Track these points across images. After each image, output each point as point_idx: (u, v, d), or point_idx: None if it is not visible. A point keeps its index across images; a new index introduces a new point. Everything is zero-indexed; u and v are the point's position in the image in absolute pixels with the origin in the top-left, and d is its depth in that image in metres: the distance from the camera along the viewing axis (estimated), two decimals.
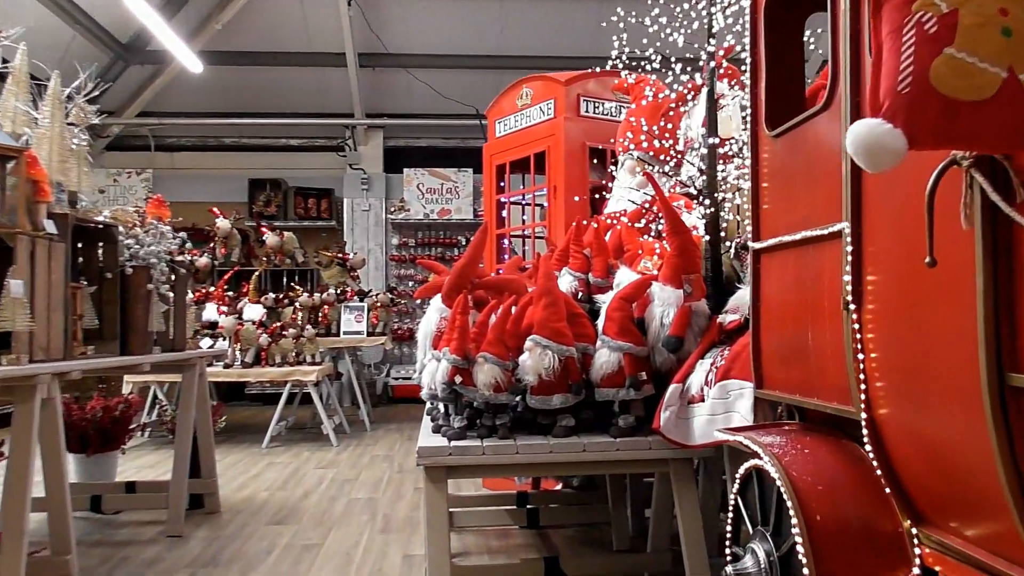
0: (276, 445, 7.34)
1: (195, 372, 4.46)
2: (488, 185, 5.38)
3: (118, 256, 3.68)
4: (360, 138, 11.32)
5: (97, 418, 4.73)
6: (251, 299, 7.99)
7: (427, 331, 3.36)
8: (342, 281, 8.78)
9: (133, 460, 6.52)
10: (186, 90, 10.65)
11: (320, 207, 11.33)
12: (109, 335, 3.64)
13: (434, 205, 11.26)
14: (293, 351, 7.51)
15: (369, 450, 7.06)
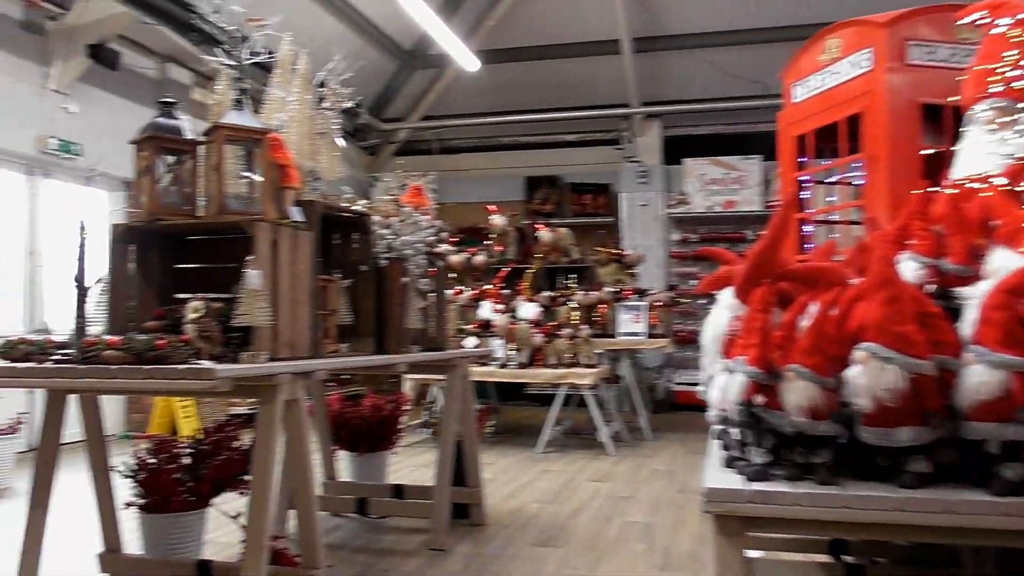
0: (550, 451, 6.98)
1: (457, 374, 4.13)
2: (784, 161, 4.54)
3: (372, 247, 3.40)
4: (637, 129, 10.77)
5: (367, 417, 4.59)
6: (526, 297, 7.73)
7: (715, 334, 2.69)
8: (619, 279, 8.27)
9: (411, 457, 6.47)
10: (464, 92, 10.76)
11: (597, 203, 10.95)
12: (364, 332, 3.38)
13: (718, 197, 10.41)
14: (568, 352, 7.12)
15: (648, 463, 6.45)
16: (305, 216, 2.96)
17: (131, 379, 2.31)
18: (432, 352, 3.91)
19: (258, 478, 2.59)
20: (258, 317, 2.53)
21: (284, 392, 2.64)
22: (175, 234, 2.97)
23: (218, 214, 2.72)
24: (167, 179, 2.84)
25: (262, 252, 2.63)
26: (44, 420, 2.83)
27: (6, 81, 6.39)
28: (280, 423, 2.66)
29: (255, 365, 2.51)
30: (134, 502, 3.11)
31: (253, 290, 2.53)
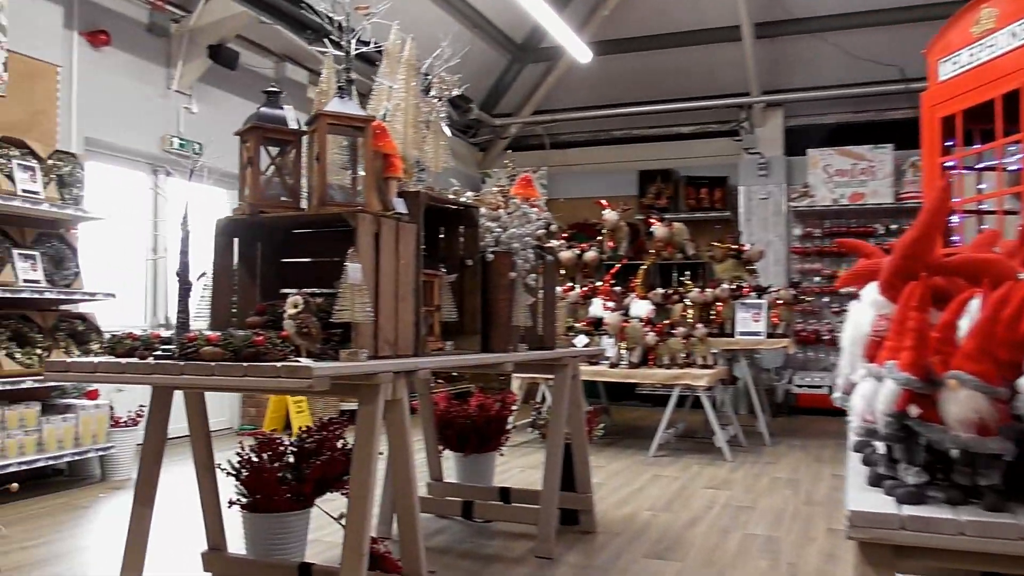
0: (663, 454, 6.71)
1: (566, 373, 3.95)
2: (929, 145, 4.15)
3: (479, 241, 3.26)
4: (757, 119, 10.29)
5: (473, 417, 4.46)
6: (638, 294, 7.47)
7: (856, 334, 2.41)
8: (737, 276, 7.89)
9: (518, 458, 6.33)
10: (576, 85, 10.55)
11: (713, 197, 10.53)
12: (469, 329, 3.24)
13: (844, 189, 9.83)
14: (682, 352, 6.82)
15: (768, 470, 6.09)
16: (409, 208, 2.84)
17: (228, 376, 2.23)
18: (541, 351, 3.74)
19: (357, 481, 2.48)
20: (358, 313, 2.42)
21: (385, 392, 2.53)
22: (279, 227, 2.91)
23: (320, 206, 2.62)
24: (271, 171, 2.77)
25: (364, 245, 2.52)
26: (148, 415, 2.81)
27: (133, 84, 6.61)
28: (381, 424, 2.54)
29: (354, 363, 2.39)
30: (237, 500, 3.07)
31: (353, 285, 2.42)
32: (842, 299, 9.84)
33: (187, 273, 2.54)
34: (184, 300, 2.54)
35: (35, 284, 4.90)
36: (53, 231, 5.32)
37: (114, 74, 6.43)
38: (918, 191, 9.47)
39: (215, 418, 7.33)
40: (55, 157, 5.23)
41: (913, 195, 9.50)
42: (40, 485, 5.12)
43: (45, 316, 5.13)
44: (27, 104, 5.33)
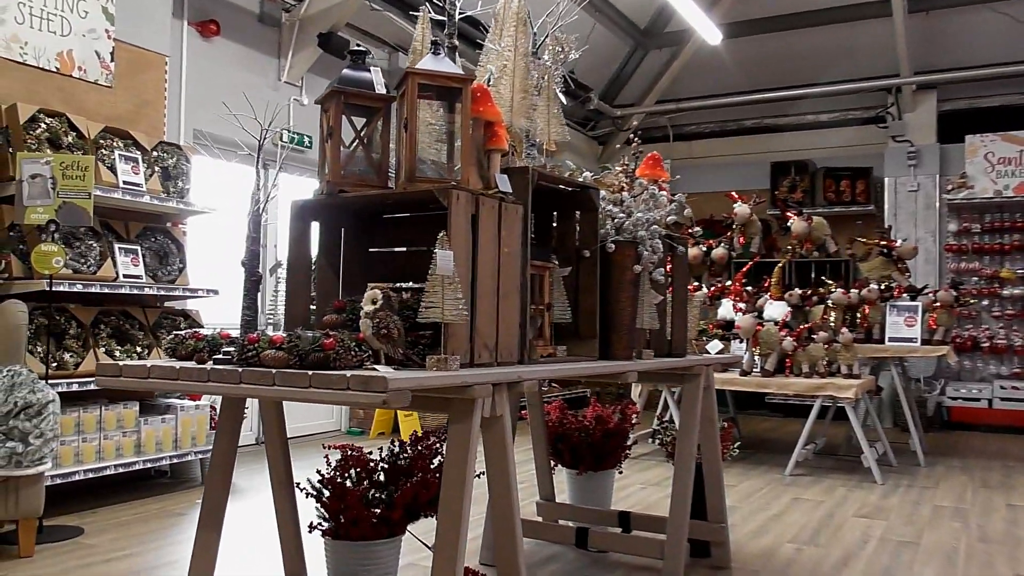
0: (801, 473, 6.01)
1: (699, 384, 3.40)
2: None
3: (598, 228, 2.77)
4: (906, 104, 9.34)
5: (589, 430, 3.97)
6: (773, 295, 6.78)
7: None
8: (886, 275, 7.08)
9: (638, 473, 5.79)
10: (703, 72, 9.87)
11: (855, 190, 9.63)
12: (586, 332, 2.75)
13: (1009, 179, 8.76)
14: (824, 359, 6.11)
15: (928, 496, 5.32)
16: (515, 186, 2.38)
17: (291, 386, 1.83)
18: (669, 358, 3.21)
19: (446, 513, 2.04)
20: (449, 311, 1.98)
21: (482, 407, 2.07)
22: (364, 210, 2.50)
23: (407, 182, 2.20)
24: (355, 144, 2.37)
25: (458, 228, 2.08)
26: (217, 427, 2.46)
27: (244, 75, 6.46)
28: (477, 445, 2.10)
29: (443, 373, 1.95)
30: (318, 525, 2.69)
31: (444, 277, 1.98)
32: (1004, 302, 8.78)
33: (256, 263, 2.17)
34: (251, 295, 2.16)
35: (136, 280, 4.73)
36: (158, 225, 5.17)
37: (224, 65, 6.29)
38: None
39: (321, 420, 7.15)
40: (159, 149, 5.07)
41: None
42: (140, 488, 4.97)
43: (148, 313, 4.97)
44: (134, 95, 5.20)
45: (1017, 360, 8.82)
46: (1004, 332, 8.85)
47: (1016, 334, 8.79)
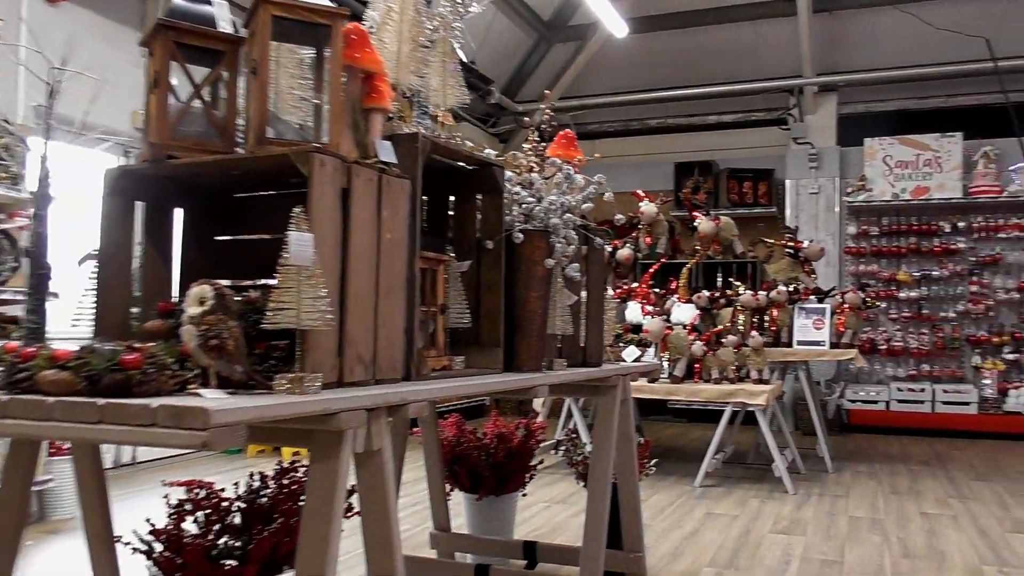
0: (712, 484, 5.72)
1: (615, 396, 2.99)
2: None
3: (503, 215, 2.30)
4: (808, 106, 9.30)
5: (490, 450, 3.51)
6: (681, 297, 6.49)
7: None
8: (793, 277, 6.90)
9: (543, 488, 5.37)
10: (608, 69, 9.59)
11: (757, 191, 9.53)
12: (488, 338, 2.28)
13: (906, 183, 8.80)
14: (734, 364, 5.84)
15: (841, 506, 5.09)
16: (402, 157, 1.90)
17: (74, 422, 1.29)
18: (584, 368, 2.78)
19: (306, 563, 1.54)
20: (308, 314, 1.47)
21: (353, 440, 1.58)
22: (207, 184, 1.96)
23: (256, 144, 1.68)
24: (192, 98, 1.83)
25: (322, 204, 1.57)
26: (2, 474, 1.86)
27: (102, 49, 5.70)
28: (345, 485, 1.60)
29: (298, 398, 1.44)
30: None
31: (300, 268, 1.47)
32: (901, 304, 8.81)
33: (43, 251, 1.61)
34: (38, 294, 1.60)
35: None
36: None
37: (74, 35, 5.52)
38: (991, 184, 8.46)
39: None
40: None
41: (986, 189, 8.47)
42: None
43: None
44: None
45: (913, 362, 8.86)
46: (901, 334, 8.88)
47: (912, 336, 8.83)
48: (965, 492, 5.56)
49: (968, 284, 8.67)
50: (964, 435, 8.22)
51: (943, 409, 8.38)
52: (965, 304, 8.64)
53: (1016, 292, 8.50)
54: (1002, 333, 8.52)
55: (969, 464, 6.74)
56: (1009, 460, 6.95)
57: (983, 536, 4.39)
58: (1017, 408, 8.20)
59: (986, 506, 5.14)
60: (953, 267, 8.70)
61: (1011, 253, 8.56)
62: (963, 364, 8.72)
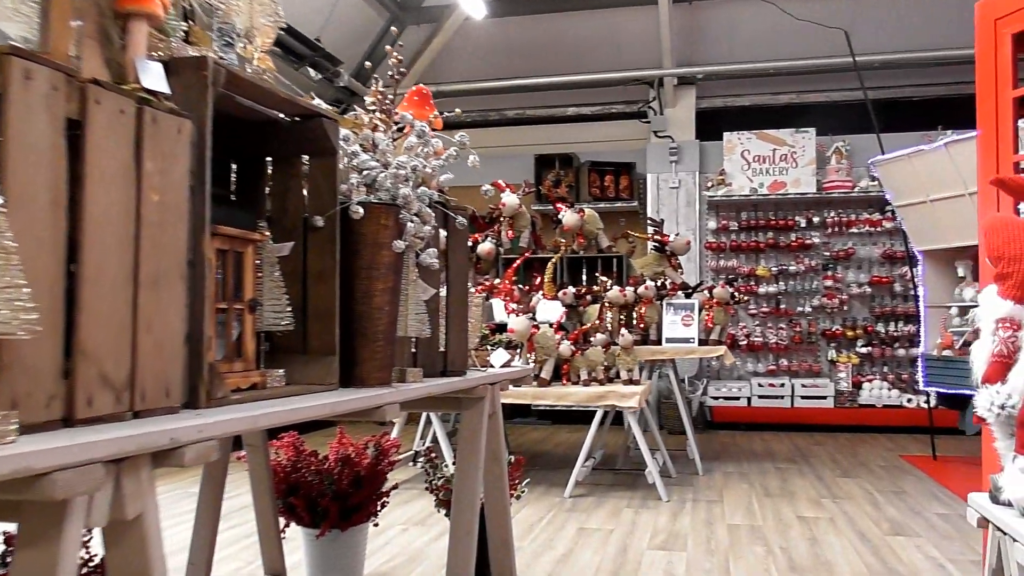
0: (582, 493, 5.34)
1: (482, 410, 2.49)
2: (993, 75, 2.94)
3: (337, 183, 1.76)
4: (668, 99, 9.16)
5: (333, 476, 2.93)
6: (546, 294, 6.10)
7: None
8: (659, 271, 6.65)
9: (398, 507, 4.82)
10: (464, 55, 9.13)
11: (618, 185, 9.31)
12: (319, 345, 1.73)
13: (763, 177, 8.81)
14: (603, 364, 5.50)
15: (717, 513, 4.82)
16: (183, 89, 1.32)
17: None
18: (444, 377, 2.27)
19: None
20: (7, 312, 0.89)
21: (87, 511, 1.00)
22: None
23: None
24: None
25: (22, 137, 0.99)
26: None
27: None
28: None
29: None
30: None
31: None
32: (760, 300, 8.81)
33: None
34: None
35: None
36: None
37: None
38: (843, 179, 8.58)
39: None
40: None
41: (838, 184, 8.58)
42: None
43: None
44: None
45: (772, 357, 8.88)
46: (760, 330, 8.89)
47: (771, 331, 8.85)
48: (836, 491, 5.43)
49: (823, 279, 8.77)
50: (822, 428, 8.28)
51: (801, 404, 8.42)
52: (820, 299, 8.73)
53: (868, 286, 8.66)
54: (855, 327, 8.66)
55: (832, 459, 6.70)
56: (867, 453, 6.98)
57: (864, 540, 4.19)
58: (871, 401, 8.34)
59: (859, 505, 5.01)
60: (809, 262, 8.78)
61: (863, 248, 8.72)
62: (819, 358, 8.82)
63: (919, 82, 8.66)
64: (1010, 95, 2.86)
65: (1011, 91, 2.86)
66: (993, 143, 2.94)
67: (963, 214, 6.14)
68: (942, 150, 5.99)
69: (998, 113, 2.93)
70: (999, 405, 1.72)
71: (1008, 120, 2.88)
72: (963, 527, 4.47)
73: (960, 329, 6.50)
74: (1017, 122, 2.88)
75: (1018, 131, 2.89)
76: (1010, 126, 2.88)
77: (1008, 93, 2.87)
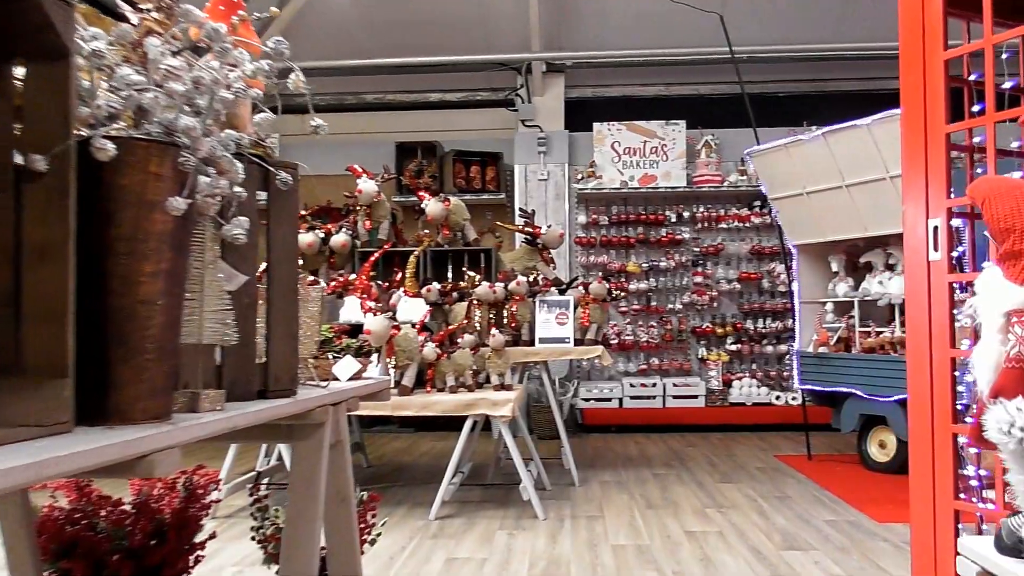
0: (450, 514, 4.77)
1: (320, 440, 1.87)
2: (919, 37, 2.56)
3: (71, 102, 1.09)
4: (536, 87, 8.73)
5: (124, 527, 2.22)
6: (408, 291, 5.49)
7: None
8: (531, 266, 6.17)
9: (229, 542, 4.09)
10: (320, 34, 8.34)
11: (485, 176, 8.79)
12: (38, 362, 1.07)
13: (634, 170, 8.52)
14: (471, 368, 4.96)
15: (600, 532, 4.36)
16: None
17: None
18: (266, 401, 1.63)
19: None
20: None
21: None
22: None
23: None
24: None
25: None
26: None
27: None
28: None
29: None
30: None
31: None
32: (631, 297, 8.50)
33: None
34: None
35: None
36: None
37: None
38: (713, 173, 8.40)
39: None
40: None
41: (708, 178, 8.40)
42: None
43: None
44: None
45: (643, 356, 8.61)
46: (631, 328, 8.59)
47: (642, 330, 8.57)
48: (719, 499, 5.10)
49: (693, 275, 8.56)
50: (694, 429, 8.06)
51: (673, 404, 8.17)
52: (691, 295, 8.52)
53: (737, 282, 8.52)
54: (725, 324, 8.50)
55: (709, 463, 6.42)
56: (742, 455, 6.76)
57: (759, 558, 3.83)
58: (740, 399, 8.19)
59: (746, 515, 4.68)
60: (679, 258, 8.56)
61: (731, 243, 8.57)
62: (690, 356, 8.61)
63: (786, 77, 8.61)
64: (940, 57, 2.50)
65: (941, 52, 2.50)
66: (920, 114, 2.57)
67: (840, 207, 5.98)
68: (820, 140, 5.80)
69: (926, 78, 2.57)
70: (1020, 427, 1.28)
71: (938, 87, 2.52)
72: (855, 536, 4.21)
73: (834, 325, 6.36)
74: (949, 88, 2.52)
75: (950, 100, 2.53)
76: (941, 93, 2.51)
77: (938, 55, 2.51)
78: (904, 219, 2.65)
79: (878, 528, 4.36)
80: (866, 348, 5.96)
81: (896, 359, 5.63)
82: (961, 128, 2.49)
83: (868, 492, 5.21)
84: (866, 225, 5.88)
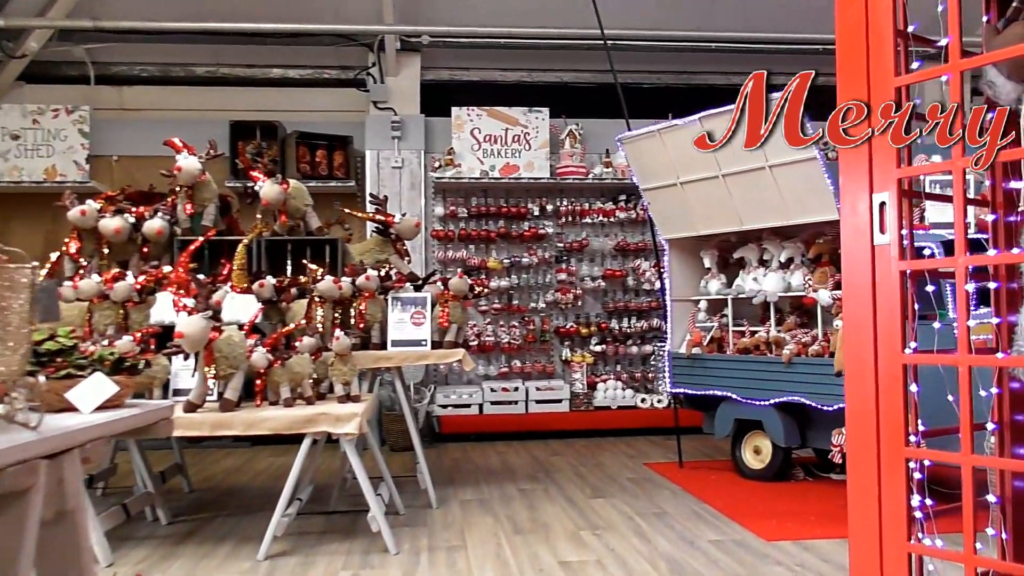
0: (283, 551, 4.01)
1: (22, 516, 1.13)
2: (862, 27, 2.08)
3: None
4: (389, 67, 8.00)
5: None
6: (236, 286, 4.66)
7: None
8: (383, 259, 5.47)
9: None
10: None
11: (332, 162, 7.95)
12: None
13: (495, 159, 7.94)
14: (311, 376, 4.22)
15: (461, 564, 3.72)
16: None
17: None
18: None
19: None
20: None
21: None
22: None
23: None
24: None
25: None
26: None
27: None
28: None
29: None
30: None
31: None
32: (491, 295, 7.92)
33: None
34: None
35: None
36: None
37: None
38: (577, 165, 7.95)
39: None
40: None
41: (572, 170, 7.94)
42: None
43: None
44: None
45: (505, 358, 8.05)
46: (492, 328, 8.01)
47: (503, 330, 8.01)
48: (593, 519, 4.58)
49: (556, 272, 8.09)
50: (558, 435, 7.57)
51: (536, 408, 7.65)
52: (554, 293, 8.04)
53: (602, 280, 8.10)
54: (589, 324, 8.07)
55: (576, 474, 5.92)
56: (610, 463, 6.31)
57: None
58: (606, 402, 7.78)
59: (625, 537, 4.17)
60: (542, 254, 8.06)
61: (596, 239, 8.15)
62: (553, 358, 8.13)
63: (652, 68, 8.29)
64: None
65: None
66: (862, 63, 2.09)
67: (715, 198, 5.63)
68: (696, 125, 5.40)
69: (868, 24, 2.09)
70: None
71: (885, 34, 2.04)
72: (745, 559, 3.78)
73: (707, 325, 6.01)
74: (897, 38, 2.05)
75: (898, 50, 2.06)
76: (889, 41, 2.04)
77: None
78: (842, 194, 2.16)
79: (768, 548, 3.96)
80: (740, 349, 5.62)
81: (773, 360, 5.31)
82: (916, 80, 2.03)
83: (749, 504, 4.84)
84: (742, 218, 5.55)
